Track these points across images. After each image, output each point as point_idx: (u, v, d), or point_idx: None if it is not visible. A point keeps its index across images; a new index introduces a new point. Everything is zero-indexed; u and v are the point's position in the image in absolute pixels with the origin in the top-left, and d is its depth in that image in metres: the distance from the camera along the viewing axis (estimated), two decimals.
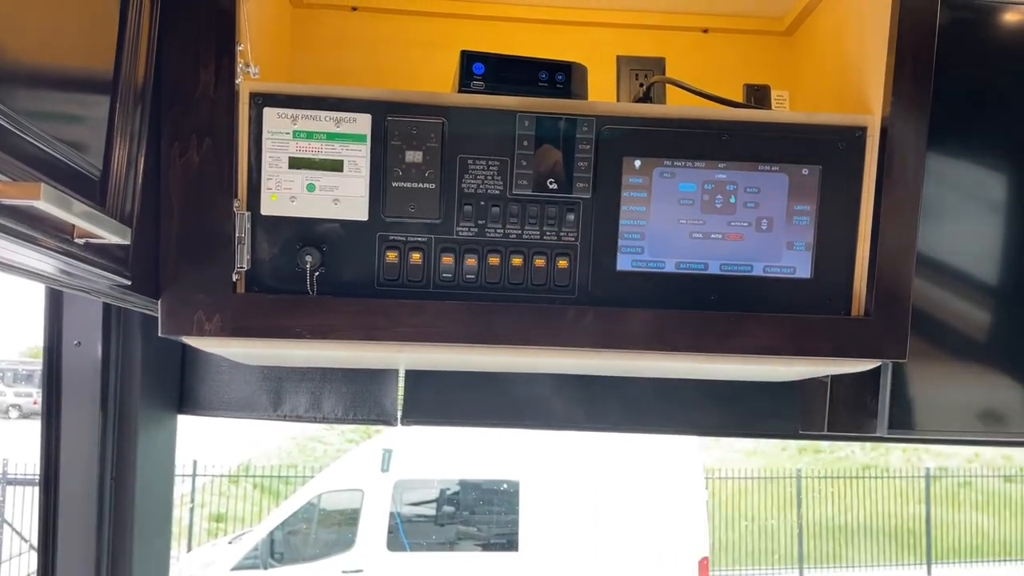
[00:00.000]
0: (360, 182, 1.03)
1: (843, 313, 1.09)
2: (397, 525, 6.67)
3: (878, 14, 1.10)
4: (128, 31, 0.89)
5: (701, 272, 1.07)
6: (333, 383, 1.57)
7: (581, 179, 1.05)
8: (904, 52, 1.07)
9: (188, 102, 1.00)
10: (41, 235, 0.73)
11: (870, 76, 1.11)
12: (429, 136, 1.03)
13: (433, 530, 6.80)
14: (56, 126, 0.76)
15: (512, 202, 1.05)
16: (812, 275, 1.08)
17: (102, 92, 0.87)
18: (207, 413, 1.57)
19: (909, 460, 12.14)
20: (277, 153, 1.02)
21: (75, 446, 1.35)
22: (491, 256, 1.05)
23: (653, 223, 1.06)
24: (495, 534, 6.74)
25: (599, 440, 6.14)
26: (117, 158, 0.88)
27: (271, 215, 1.03)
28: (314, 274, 1.04)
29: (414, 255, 1.05)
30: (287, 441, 13.51)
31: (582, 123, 1.04)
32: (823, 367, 1.20)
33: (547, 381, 1.58)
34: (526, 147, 1.04)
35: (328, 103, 1.02)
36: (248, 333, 1.02)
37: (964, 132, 1.38)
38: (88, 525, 1.35)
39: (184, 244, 1.01)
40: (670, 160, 1.06)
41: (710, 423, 1.64)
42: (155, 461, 1.46)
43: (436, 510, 6.87)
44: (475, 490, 6.88)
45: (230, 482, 10.24)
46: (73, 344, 1.34)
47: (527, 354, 1.09)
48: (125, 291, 0.94)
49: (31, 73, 0.73)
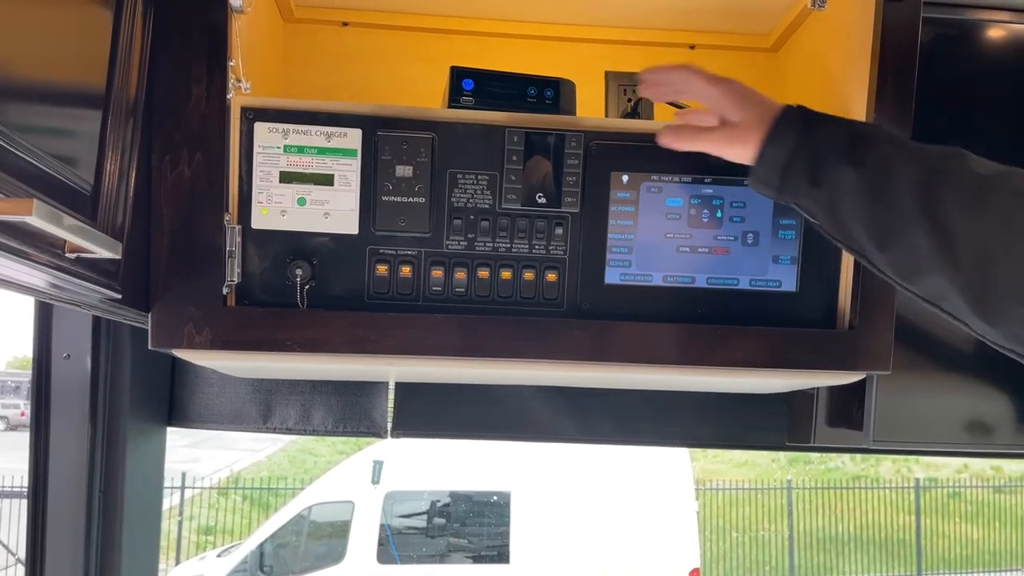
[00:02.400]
0: (350, 196, 1.04)
1: (828, 326, 1.11)
2: (388, 537, 6.64)
3: (861, 31, 1.12)
4: (121, 45, 0.90)
5: (688, 285, 1.09)
6: (323, 395, 1.57)
7: (569, 193, 1.06)
8: (886, 69, 1.08)
9: (180, 116, 1.00)
10: (32, 250, 0.73)
11: (853, 92, 1.13)
12: (419, 151, 1.04)
13: (424, 542, 6.77)
14: (48, 141, 0.77)
15: (501, 216, 1.06)
16: (797, 288, 1.09)
17: (94, 107, 0.87)
18: (197, 425, 1.57)
19: (899, 471, 12.18)
20: (268, 167, 1.03)
21: (64, 459, 1.35)
22: (480, 270, 1.06)
23: (641, 237, 1.07)
24: (486, 546, 6.72)
25: (589, 452, 6.14)
26: (108, 172, 0.88)
27: (262, 228, 1.04)
28: (304, 287, 1.04)
29: (404, 268, 1.06)
30: (277, 453, 13.45)
31: (570, 138, 1.05)
32: (809, 379, 1.22)
33: (537, 393, 1.58)
34: (515, 162, 1.05)
35: (319, 118, 1.03)
36: (238, 346, 1.03)
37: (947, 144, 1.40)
38: (76, 538, 1.34)
39: (175, 257, 1.01)
40: (657, 175, 1.07)
41: (699, 435, 1.64)
42: (144, 473, 1.46)
43: (427, 522, 6.85)
44: (466, 502, 6.86)
45: (219, 494, 10.17)
46: (63, 357, 1.34)
47: (517, 367, 1.10)
48: (115, 304, 0.95)
49: (23, 88, 0.73)
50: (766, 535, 10.13)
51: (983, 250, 0.79)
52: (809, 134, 0.91)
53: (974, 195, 0.81)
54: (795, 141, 0.91)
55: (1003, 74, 1.40)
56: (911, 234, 0.83)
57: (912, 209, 0.82)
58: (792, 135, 0.91)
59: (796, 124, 0.92)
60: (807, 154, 0.90)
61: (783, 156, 0.91)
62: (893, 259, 0.86)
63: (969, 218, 0.80)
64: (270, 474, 11.68)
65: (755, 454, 11.55)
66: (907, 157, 0.86)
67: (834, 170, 0.88)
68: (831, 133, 0.90)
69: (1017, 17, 1.40)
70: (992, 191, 0.80)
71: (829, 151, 0.89)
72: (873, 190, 0.85)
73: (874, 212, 0.86)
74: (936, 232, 0.81)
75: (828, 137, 0.90)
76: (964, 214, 0.80)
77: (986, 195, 0.80)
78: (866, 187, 0.86)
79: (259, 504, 10.23)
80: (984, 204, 0.80)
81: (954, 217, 0.80)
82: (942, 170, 0.83)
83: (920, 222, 0.82)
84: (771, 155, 0.92)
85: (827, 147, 0.89)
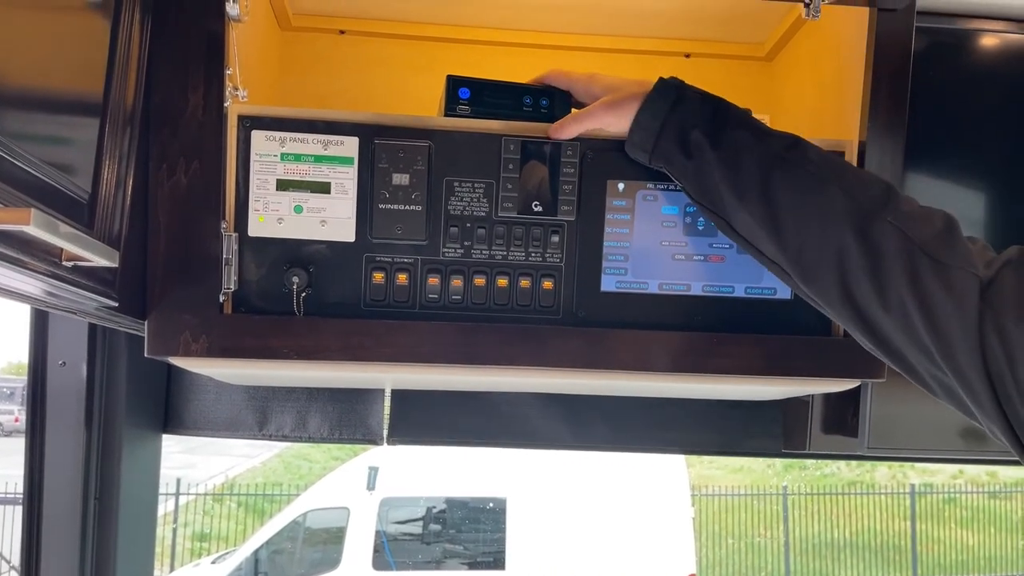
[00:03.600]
0: (347, 204, 1.04)
1: (823, 334, 1.11)
2: (383, 543, 6.63)
3: (855, 40, 1.12)
4: (118, 54, 0.90)
5: (684, 293, 1.09)
6: (319, 402, 1.57)
7: (566, 202, 1.06)
8: (880, 78, 1.09)
9: (177, 125, 1.01)
10: (29, 259, 0.73)
11: (847, 100, 1.14)
12: (416, 159, 1.04)
13: (419, 548, 6.76)
14: (45, 149, 0.77)
15: (498, 224, 1.06)
16: (792, 296, 1.10)
17: (92, 115, 0.87)
18: (192, 432, 1.57)
19: (895, 477, 12.19)
20: (265, 175, 1.03)
21: (59, 466, 1.34)
22: (477, 277, 1.07)
23: (636, 245, 1.08)
24: (482, 552, 6.71)
25: (585, 458, 6.14)
26: (106, 181, 0.89)
27: (258, 236, 1.04)
28: (301, 295, 1.04)
29: (400, 276, 1.06)
30: (273, 459, 13.41)
31: (566, 147, 1.06)
32: (804, 386, 1.22)
33: (533, 400, 1.59)
34: (511, 170, 1.05)
35: (316, 126, 1.04)
36: (235, 354, 1.03)
37: (940, 152, 1.41)
38: (71, 545, 1.34)
39: (171, 265, 1.01)
40: (653, 183, 1.07)
41: (694, 441, 1.65)
42: (139, 481, 1.46)
43: (422, 528, 6.83)
44: (462, 508, 6.85)
45: (214, 501, 10.14)
46: (58, 364, 1.34)
47: (513, 374, 1.10)
48: (112, 312, 0.95)
49: (21, 97, 0.73)
50: (762, 541, 10.13)
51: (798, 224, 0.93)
52: (679, 106, 0.99)
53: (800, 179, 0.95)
54: (666, 111, 0.99)
55: (996, 83, 1.41)
56: (751, 205, 0.95)
57: (753, 187, 0.95)
58: (666, 104, 0.99)
59: (670, 94, 0.99)
60: (677, 123, 0.98)
61: (655, 124, 0.99)
62: (742, 225, 0.98)
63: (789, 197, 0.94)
64: (265, 480, 11.65)
65: (750, 460, 11.56)
66: (755, 144, 0.96)
67: (700, 146, 0.97)
68: (696, 107, 0.99)
69: (1010, 27, 1.41)
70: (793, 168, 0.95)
71: (694, 124, 0.97)
72: (730, 166, 0.96)
73: (731, 183, 0.96)
74: (768, 206, 0.94)
75: (693, 111, 0.99)
76: (787, 193, 0.94)
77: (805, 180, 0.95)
78: (723, 164, 0.96)
79: (254, 510, 10.20)
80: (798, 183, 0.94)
81: (780, 197, 0.94)
82: (783, 159, 0.95)
83: (759, 198, 0.95)
84: (645, 122, 1.00)
85: (691, 119, 0.98)
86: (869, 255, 0.89)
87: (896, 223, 0.89)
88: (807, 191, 0.93)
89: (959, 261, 0.86)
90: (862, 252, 0.89)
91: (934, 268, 0.86)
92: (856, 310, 0.91)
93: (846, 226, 0.90)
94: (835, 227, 0.91)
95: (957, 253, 0.86)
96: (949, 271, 0.85)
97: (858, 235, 0.89)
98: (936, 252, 0.87)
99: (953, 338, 0.84)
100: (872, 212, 0.90)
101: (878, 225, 0.89)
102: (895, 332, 0.89)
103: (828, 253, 0.91)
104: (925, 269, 0.86)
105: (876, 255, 0.89)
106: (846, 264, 0.90)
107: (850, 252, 0.90)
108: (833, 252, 0.91)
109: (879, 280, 0.88)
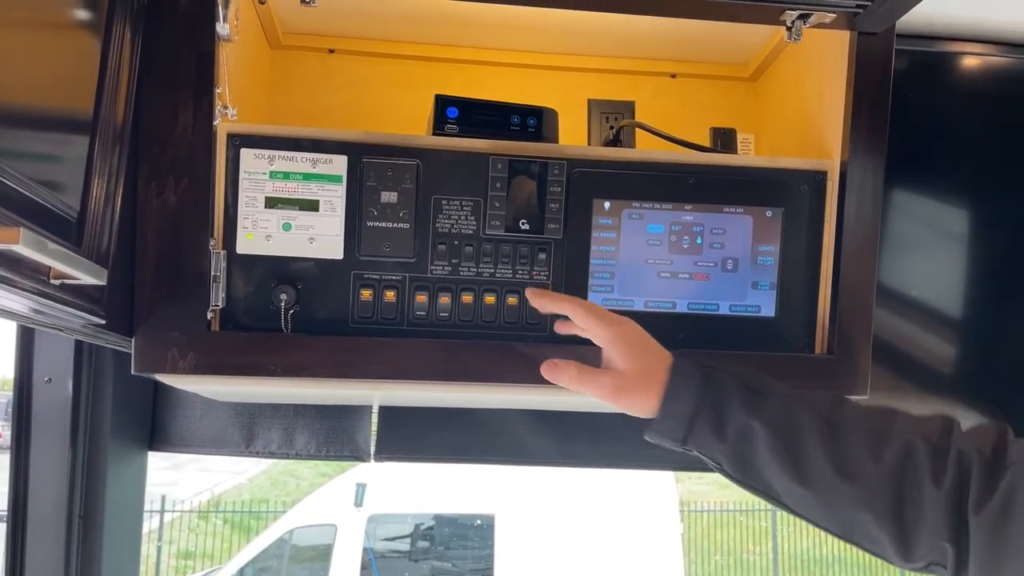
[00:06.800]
0: (336, 221, 1.05)
1: (807, 351, 1.12)
2: (371, 561, 6.57)
3: (836, 61, 1.14)
4: (108, 72, 0.91)
5: (669, 311, 1.10)
6: (306, 419, 1.56)
7: (552, 220, 1.07)
8: (860, 99, 1.11)
9: (166, 143, 1.01)
10: (17, 277, 0.73)
11: (828, 121, 1.16)
12: (404, 177, 1.05)
13: (407, 566, 6.70)
14: (35, 167, 0.77)
15: (485, 242, 1.07)
16: (776, 314, 1.11)
17: (81, 133, 0.88)
18: (179, 449, 1.56)
19: None
20: (254, 193, 1.04)
21: (44, 483, 1.33)
22: (464, 294, 1.07)
23: (622, 263, 1.09)
24: (470, 569, 6.66)
25: (574, 475, 6.12)
26: (95, 199, 0.89)
27: (247, 253, 1.04)
28: (289, 312, 1.05)
29: (388, 293, 1.06)
30: (260, 475, 13.30)
31: (553, 166, 1.07)
32: None
33: (521, 417, 1.59)
34: (499, 189, 1.06)
35: (305, 144, 1.04)
36: (222, 371, 1.03)
37: (922, 171, 1.43)
38: (56, 563, 1.33)
39: (159, 282, 1.01)
40: (638, 202, 1.09)
41: (682, 458, 1.64)
42: (125, 498, 1.45)
43: (410, 545, 6.78)
44: (450, 525, 6.81)
45: (199, 518, 10.04)
46: (44, 380, 1.33)
47: (500, 391, 1.11)
48: (99, 329, 0.95)
49: (10, 115, 0.74)
50: (750, 557, 10.11)
51: (893, 490, 0.86)
52: (708, 387, 0.91)
53: (870, 442, 0.88)
54: (696, 395, 0.90)
55: (974, 105, 1.44)
56: (830, 482, 0.88)
57: (825, 465, 0.88)
58: (693, 389, 0.91)
59: (695, 376, 0.91)
60: (709, 408, 0.90)
61: (687, 411, 0.90)
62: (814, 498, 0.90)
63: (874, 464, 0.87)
64: (252, 496, 11.55)
65: None
66: (799, 405, 0.90)
67: (740, 422, 0.89)
68: (724, 384, 0.91)
69: (987, 49, 1.44)
70: (884, 436, 0.88)
71: (729, 403, 0.90)
72: (783, 441, 0.89)
73: (789, 460, 0.89)
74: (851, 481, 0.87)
75: (723, 388, 0.91)
76: (869, 461, 0.87)
77: (881, 441, 0.88)
78: (774, 439, 0.89)
79: (240, 527, 10.10)
80: (883, 449, 0.87)
81: (862, 466, 0.87)
82: (836, 423, 0.89)
83: (835, 475, 0.87)
84: (675, 410, 0.91)
85: (725, 399, 0.90)
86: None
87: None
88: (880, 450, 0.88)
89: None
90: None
91: None
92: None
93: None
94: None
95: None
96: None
97: None
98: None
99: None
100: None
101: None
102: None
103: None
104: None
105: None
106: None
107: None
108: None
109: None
